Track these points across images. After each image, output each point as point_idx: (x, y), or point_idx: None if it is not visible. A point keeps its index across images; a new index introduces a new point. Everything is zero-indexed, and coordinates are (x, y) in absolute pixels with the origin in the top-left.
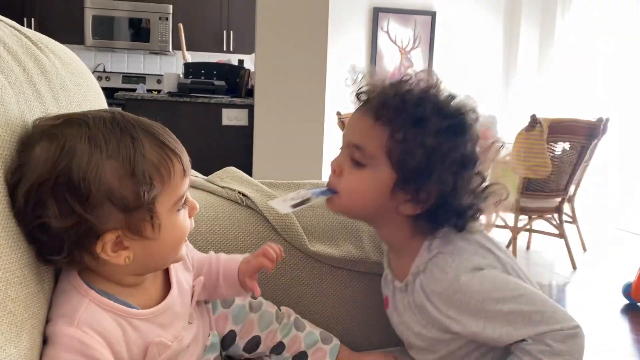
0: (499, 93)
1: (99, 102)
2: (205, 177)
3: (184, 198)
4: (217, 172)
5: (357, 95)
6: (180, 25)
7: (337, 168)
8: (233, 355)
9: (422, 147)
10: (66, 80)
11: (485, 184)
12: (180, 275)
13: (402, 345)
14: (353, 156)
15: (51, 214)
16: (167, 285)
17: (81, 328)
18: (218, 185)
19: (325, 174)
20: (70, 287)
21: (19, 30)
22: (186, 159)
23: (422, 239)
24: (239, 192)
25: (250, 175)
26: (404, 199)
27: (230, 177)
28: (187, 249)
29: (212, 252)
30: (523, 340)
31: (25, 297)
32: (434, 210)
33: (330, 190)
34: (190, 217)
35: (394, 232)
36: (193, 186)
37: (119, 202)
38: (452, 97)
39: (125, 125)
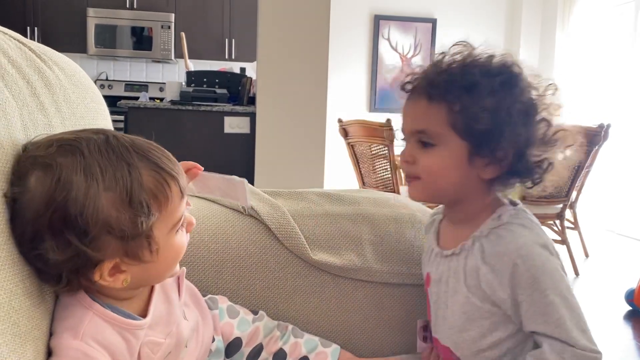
0: None
1: (102, 113)
2: None
3: (182, 218)
4: None
5: (402, 87)
6: (183, 33)
7: (409, 158)
8: None
9: (483, 110)
10: (69, 92)
11: (552, 130)
12: None
13: (405, 353)
14: (421, 140)
15: (48, 247)
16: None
17: (86, 341)
18: None
19: (327, 182)
20: (74, 300)
21: (23, 43)
22: (183, 180)
23: (493, 210)
24: None
25: (252, 183)
26: (483, 163)
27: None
28: None
29: None
30: (537, 335)
31: (29, 308)
32: (514, 166)
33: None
34: (187, 232)
35: (472, 203)
36: (195, 194)
37: (117, 233)
38: (491, 56)
39: (120, 151)
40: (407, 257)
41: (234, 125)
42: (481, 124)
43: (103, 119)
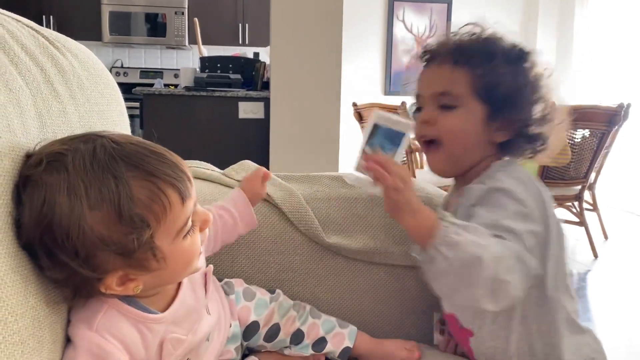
0: None
1: (116, 99)
2: (221, 171)
3: (189, 221)
4: (233, 165)
5: (422, 56)
6: (196, 19)
7: (430, 119)
8: (253, 347)
9: (502, 77)
10: (83, 79)
11: (548, 107)
12: None
13: (418, 335)
14: (442, 102)
15: (45, 267)
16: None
17: (100, 333)
18: (234, 179)
19: (342, 166)
20: None
21: (36, 31)
22: (184, 183)
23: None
24: None
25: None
26: (496, 127)
27: (246, 170)
28: None
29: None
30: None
31: (45, 293)
32: (520, 132)
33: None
34: (202, 231)
35: (478, 167)
36: (209, 180)
37: (112, 250)
38: (502, 36)
39: (107, 162)
40: None
41: (248, 110)
42: (500, 89)
43: (117, 105)
